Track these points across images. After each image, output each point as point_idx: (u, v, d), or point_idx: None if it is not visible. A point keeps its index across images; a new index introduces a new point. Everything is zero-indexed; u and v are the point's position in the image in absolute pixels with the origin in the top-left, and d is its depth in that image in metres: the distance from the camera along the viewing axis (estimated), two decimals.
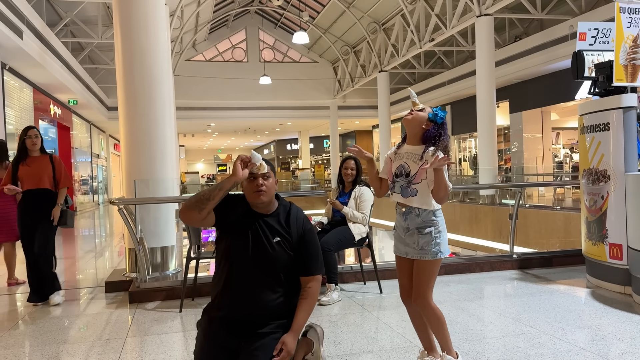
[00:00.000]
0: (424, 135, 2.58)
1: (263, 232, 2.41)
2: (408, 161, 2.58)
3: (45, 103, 14.94)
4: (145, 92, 5.25)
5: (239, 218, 2.43)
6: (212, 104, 23.09)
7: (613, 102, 4.45)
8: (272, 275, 2.41)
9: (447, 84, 19.36)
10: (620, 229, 4.34)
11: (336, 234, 4.61)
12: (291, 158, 38.60)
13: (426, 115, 2.60)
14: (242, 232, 2.41)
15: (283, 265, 2.42)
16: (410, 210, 2.58)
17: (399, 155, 2.65)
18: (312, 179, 26.75)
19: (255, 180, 2.37)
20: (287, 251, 2.42)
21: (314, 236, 2.52)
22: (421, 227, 2.57)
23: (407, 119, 2.64)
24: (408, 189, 2.55)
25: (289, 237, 2.43)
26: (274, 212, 2.47)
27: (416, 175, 2.53)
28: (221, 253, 2.46)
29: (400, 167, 2.60)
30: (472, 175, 19.68)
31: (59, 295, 4.65)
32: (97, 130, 23.99)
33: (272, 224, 2.43)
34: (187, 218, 2.38)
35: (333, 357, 3.07)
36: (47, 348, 3.41)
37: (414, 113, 2.63)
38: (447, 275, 5.18)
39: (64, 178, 4.79)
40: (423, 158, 2.52)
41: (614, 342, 3.19)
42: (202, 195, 2.32)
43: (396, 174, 2.62)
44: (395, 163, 2.64)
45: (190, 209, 2.32)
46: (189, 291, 4.50)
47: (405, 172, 2.56)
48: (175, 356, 3.17)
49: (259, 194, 2.37)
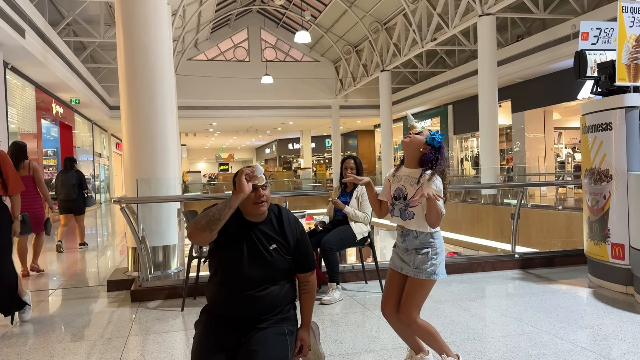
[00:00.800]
0: (422, 158, 2.60)
1: (259, 241, 2.43)
2: (405, 184, 2.60)
3: (47, 102, 14.97)
4: (147, 91, 5.25)
5: (234, 230, 2.44)
6: (213, 103, 23.13)
7: (615, 102, 4.44)
8: (270, 279, 2.44)
9: (449, 83, 19.35)
10: (623, 228, 4.34)
11: (338, 233, 4.61)
12: (293, 157, 38.62)
13: (424, 138, 2.60)
14: (238, 243, 2.43)
15: (280, 268, 2.46)
16: (409, 232, 2.62)
17: (397, 178, 2.66)
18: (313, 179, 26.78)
19: (257, 191, 2.39)
20: (284, 256, 2.46)
21: (306, 236, 2.57)
22: (419, 248, 2.60)
23: (405, 142, 2.65)
24: (406, 212, 2.58)
25: (285, 243, 2.46)
26: (266, 219, 2.49)
27: (413, 198, 2.56)
28: (216, 264, 2.47)
29: (398, 190, 2.63)
30: (474, 175, 19.66)
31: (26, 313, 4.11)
32: (99, 130, 24.04)
33: (267, 231, 2.46)
34: (198, 239, 2.38)
35: (335, 356, 3.07)
36: (49, 346, 3.42)
37: (411, 136, 2.63)
38: (449, 275, 5.16)
39: (12, 183, 4.03)
40: (420, 182, 2.54)
41: (615, 342, 3.19)
42: (212, 216, 2.31)
43: (394, 197, 2.64)
44: (394, 185, 2.66)
45: (202, 230, 2.32)
46: (190, 290, 4.51)
47: (403, 195, 2.59)
48: (177, 355, 3.18)
49: (261, 205, 2.40)
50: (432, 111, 22.92)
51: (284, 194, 7.31)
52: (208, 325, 2.45)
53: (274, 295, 2.46)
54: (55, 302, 4.80)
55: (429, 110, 23.08)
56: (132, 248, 5.34)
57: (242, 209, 2.46)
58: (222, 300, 2.45)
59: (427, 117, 23.79)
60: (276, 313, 2.47)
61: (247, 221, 2.46)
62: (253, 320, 2.41)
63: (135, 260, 5.27)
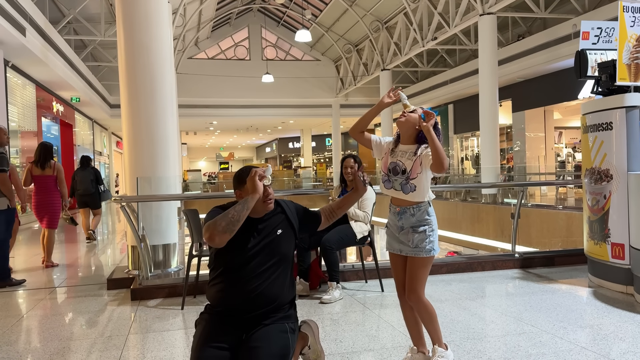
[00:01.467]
0: (418, 135, 2.71)
1: (265, 234, 2.48)
2: (402, 159, 2.68)
3: (48, 100, 14.97)
4: (148, 90, 5.25)
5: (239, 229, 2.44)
6: (214, 101, 23.12)
7: (616, 102, 4.44)
8: (273, 265, 2.47)
9: (449, 82, 19.35)
10: (623, 228, 4.34)
11: (338, 232, 4.61)
12: (293, 156, 38.61)
13: (418, 116, 2.68)
14: (243, 241, 2.46)
15: (284, 253, 2.51)
16: (405, 210, 2.69)
17: (394, 154, 2.75)
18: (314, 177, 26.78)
19: (266, 190, 2.46)
20: (291, 239, 2.54)
21: (301, 206, 2.67)
22: (416, 226, 2.68)
23: (401, 121, 2.73)
24: (407, 185, 2.66)
25: (289, 222, 2.55)
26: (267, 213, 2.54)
27: (412, 170, 2.64)
28: (222, 264, 2.49)
29: (395, 165, 2.70)
30: (474, 174, 19.66)
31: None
32: (99, 128, 24.04)
33: (270, 223, 2.52)
34: (219, 241, 2.37)
35: (334, 355, 3.07)
36: (49, 344, 3.42)
37: (406, 115, 2.72)
38: (449, 274, 5.18)
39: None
40: (417, 153, 2.64)
41: (615, 341, 3.19)
42: (232, 218, 2.35)
43: (391, 171, 2.71)
44: (390, 159, 2.75)
45: (223, 232, 2.33)
46: (190, 289, 4.51)
47: (402, 170, 2.67)
48: (176, 353, 3.18)
49: (269, 202, 2.48)
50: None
51: (284, 193, 7.31)
52: (209, 323, 2.46)
53: (275, 295, 2.46)
54: (55, 300, 4.80)
55: None
56: (132, 246, 5.34)
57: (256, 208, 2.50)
58: (225, 297, 2.46)
59: None
60: (277, 310, 2.48)
61: (252, 219, 2.50)
62: (255, 317, 2.42)
63: (135, 259, 5.28)
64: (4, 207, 5.27)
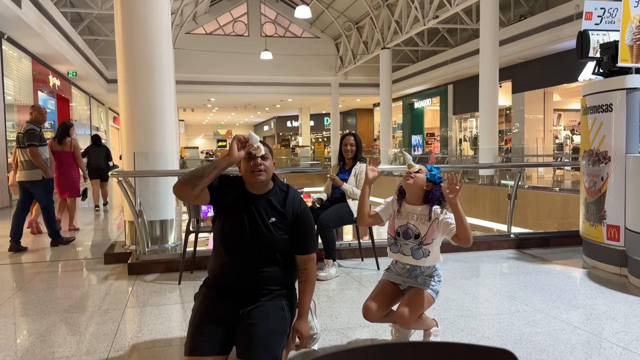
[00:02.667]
0: (427, 196, 2.63)
1: (258, 214, 2.42)
2: (416, 223, 2.61)
3: (44, 74, 14.83)
4: (145, 64, 5.20)
5: (235, 199, 2.44)
6: (212, 78, 22.94)
7: (617, 83, 4.41)
8: (268, 255, 2.44)
9: (450, 62, 19.22)
10: (619, 210, 4.35)
11: (335, 210, 4.62)
12: (291, 135, 38.50)
13: (424, 176, 2.63)
14: (237, 213, 2.42)
15: (278, 245, 2.45)
16: (415, 268, 2.65)
17: (401, 215, 2.67)
18: (312, 156, 26.74)
19: (254, 160, 2.37)
20: (282, 232, 2.44)
21: (308, 216, 2.53)
22: (426, 276, 2.67)
23: (409, 183, 2.64)
24: (420, 250, 2.59)
25: (283, 218, 2.45)
26: (269, 192, 2.48)
27: (426, 235, 2.57)
28: (218, 232, 2.49)
29: (406, 229, 2.62)
30: (472, 155, 19.65)
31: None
32: (96, 103, 23.87)
33: (268, 205, 2.45)
34: (180, 193, 2.38)
35: (330, 330, 3.10)
36: (46, 317, 3.44)
37: (413, 176, 2.63)
38: (445, 254, 5.15)
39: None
40: (432, 218, 2.57)
41: (607, 321, 3.23)
42: (196, 173, 2.33)
43: (400, 234, 2.64)
44: (398, 221, 2.67)
45: (184, 184, 2.33)
46: (188, 264, 4.53)
47: (414, 234, 2.60)
48: (173, 327, 3.21)
49: (258, 173, 2.37)
50: (432, 90, 22.81)
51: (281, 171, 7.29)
52: (207, 297, 2.47)
53: (273, 275, 2.46)
54: (52, 274, 4.82)
55: (429, 90, 22.97)
56: (130, 222, 5.34)
57: (244, 179, 2.46)
58: (222, 273, 2.46)
59: (427, 96, 23.69)
60: (275, 289, 2.47)
61: (249, 193, 2.46)
62: (252, 293, 2.42)
63: (132, 234, 5.29)
64: (39, 177, 5.99)
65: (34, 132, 5.99)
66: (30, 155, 5.91)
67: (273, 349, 2.33)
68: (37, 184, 5.97)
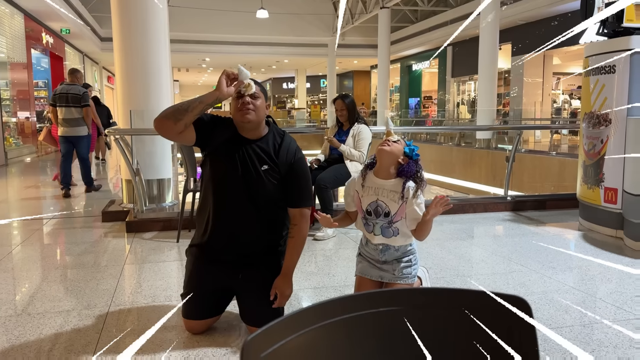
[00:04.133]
0: (401, 169, 2.32)
1: (250, 159, 2.27)
2: (386, 200, 2.31)
3: (37, 31, 14.51)
4: (141, 20, 5.07)
5: (225, 142, 2.28)
6: (206, 37, 22.48)
7: (621, 44, 4.34)
8: (260, 205, 2.30)
9: (449, 23, 18.88)
10: (617, 173, 4.36)
11: (333, 171, 4.61)
12: (287, 97, 38.14)
13: (402, 148, 2.33)
14: (228, 156, 2.27)
15: (269, 195, 2.30)
16: (389, 246, 2.38)
17: (368, 189, 2.36)
18: (308, 119, 26.57)
19: (243, 98, 2.22)
20: (273, 181, 2.29)
21: (303, 166, 2.38)
22: (400, 258, 2.41)
23: (386, 150, 2.31)
24: (389, 229, 2.34)
25: (276, 167, 2.29)
26: (262, 138, 2.32)
27: (396, 214, 2.31)
28: (207, 179, 2.34)
29: (375, 206, 2.33)
30: (470, 118, 19.57)
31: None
32: (90, 62, 23.47)
33: (260, 151, 2.29)
34: (161, 128, 2.19)
35: (327, 287, 3.13)
36: (45, 272, 3.46)
37: (391, 144, 2.32)
38: (441, 215, 5.21)
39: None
40: (404, 197, 2.29)
41: (602, 282, 3.27)
42: (181, 106, 2.17)
43: (370, 212, 2.36)
44: (366, 199, 2.36)
45: (166, 118, 2.15)
46: (186, 223, 4.54)
47: (384, 212, 2.31)
48: (172, 283, 3.23)
49: (245, 112, 2.22)
50: (430, 52, 22.51)
51: None
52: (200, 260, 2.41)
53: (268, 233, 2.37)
54: (51, 231, 4.83)
55: (427, 52, 22.66)
56: (127, 180, 5.32)
57: (234, 120, 2.31)
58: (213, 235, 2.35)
59: (426, 58, 23.39)
60: (270, 250, 2.42)
61: (240, 137, 2.31)
62: (245, 258, 2.36)
63: (130, 193, 5.28)
64: (85, 133, 6.84)
65: (87, 93, 6.92)
66: (86, 113, 6.79)
67: (279, 311, 2.35)
68: (82, 139, 6.84)
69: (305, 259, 3.75)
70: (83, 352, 2.25)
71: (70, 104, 6.70)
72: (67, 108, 6.70)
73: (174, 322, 2.56)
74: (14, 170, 10.12)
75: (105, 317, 2.65)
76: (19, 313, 2.71)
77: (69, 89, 6.78)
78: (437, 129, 17.99)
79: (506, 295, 0.73)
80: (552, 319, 2.64)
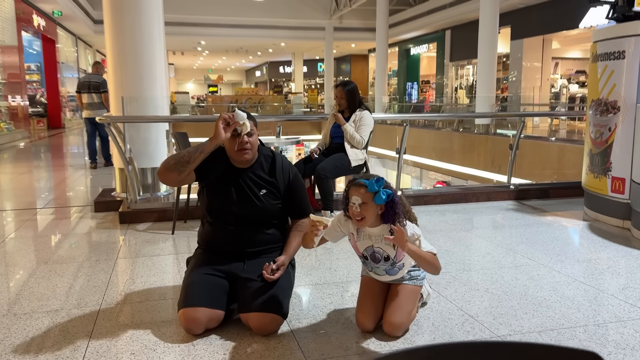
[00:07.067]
0: (383, 218, 2.23)
1: (248, 187, 2.35)
2: (381, 245, 2.28)
3: (28, 13, 14.21)
4: (132, 1, 4.88)
5: (220, 175, 2.37)
6: (202, 19, 22.08)
7: (631, 29, 4.19)
8: (262, 223, 2.41)
9: (449, 6, 18.59)
10: (625, 162, 4.23)
11: (333, 160, 4.48)
12: (284, 81, 37.81)
13: (373, 203, 2.17)
14: (225, 189, 2.35)
15: (272, 214, 2.41)
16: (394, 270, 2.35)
17: (362, 233, 2.32)
18: (305, 103, 26.32)
19: (240, 137, 2.27)
20: (275, 201, 2.40)
21: (299, 181, 2.49)
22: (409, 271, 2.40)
23: (361, 223, 2.22)
24: (394, 268, 2.33)
25: (274, 189, 2.39)
26: (255, 163, 2.40)
27: (397, 255, 2.29)
28: (205, 207, 2.43)
29: (372, 252, 2.31)
30: (468, 104, 19.39)
31: None
32: (83, 45, 23.13)
33: (256, 177, 2.37)
34: (165, 179, 2.33)
35: (329, 284, 3.01)
36: (34, 268, 3.31)
37: (362, 214, 2.18)
38: (443, 205, 5.11)
39: None
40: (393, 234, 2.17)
41: (613, 276, 3.16)
42: (182, 158, 2.24)
43: (369, 258, 2.34)
44: (362, 243, 2.34)
45: (170, 170, 2.26)
46: (181, 213, 4.40)
47: (384, 257, 2.30)
48: (167, 279, 3.10)
49: (244, 152, 2.30)
50: (429, 36, 22.23)
51: (277, 119, 7.10)
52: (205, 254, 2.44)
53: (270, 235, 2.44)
54: (41, 221, 4.67)
55: (426, 35, 22.38)
56: (120, 169, 5.17)
57: (229, 156, 2.38)
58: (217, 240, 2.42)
59: (424, 42, 23.12)
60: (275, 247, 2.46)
61: (234, 167, 2.38)
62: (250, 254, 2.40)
63: (123, 182, 5.13)
64: None
65: (105, 81, 7.63)
66: (105, 98, 7.60)
67: (282, 303, 2.29)
68: None
69: (305, 251, 3.61)
70: (71, 358, 2.12)
71: (92, 91, 7.79)
72: (89, 94, 7.81)
73: (169, 323, 2.44)
74: (6, 156, 9.93)
75: (96, 317, 2.52)
76: (5, 313, 2.57)
77: (90, 78, 8.01)
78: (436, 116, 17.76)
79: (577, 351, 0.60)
80: (564, 317, 2.52)
